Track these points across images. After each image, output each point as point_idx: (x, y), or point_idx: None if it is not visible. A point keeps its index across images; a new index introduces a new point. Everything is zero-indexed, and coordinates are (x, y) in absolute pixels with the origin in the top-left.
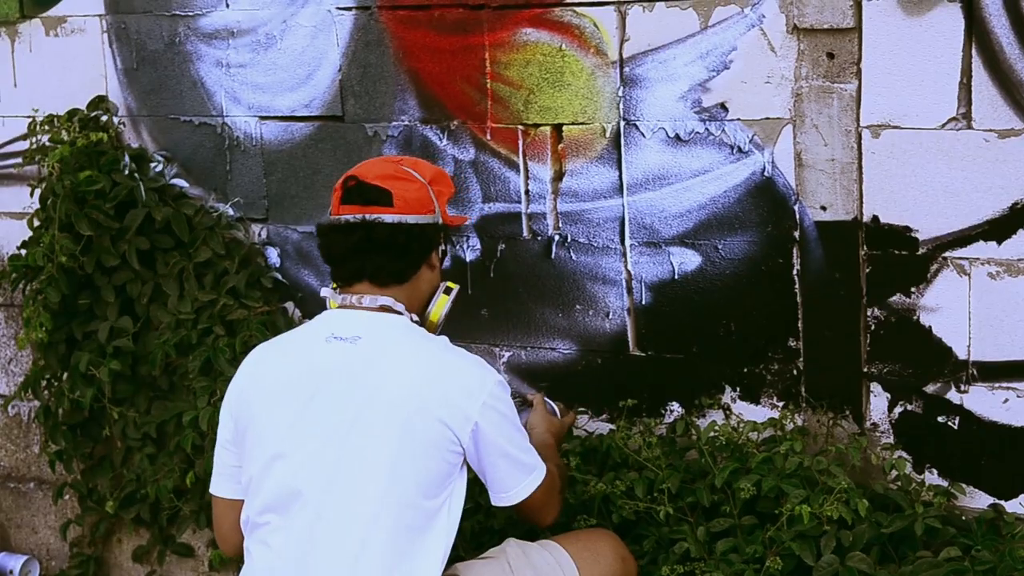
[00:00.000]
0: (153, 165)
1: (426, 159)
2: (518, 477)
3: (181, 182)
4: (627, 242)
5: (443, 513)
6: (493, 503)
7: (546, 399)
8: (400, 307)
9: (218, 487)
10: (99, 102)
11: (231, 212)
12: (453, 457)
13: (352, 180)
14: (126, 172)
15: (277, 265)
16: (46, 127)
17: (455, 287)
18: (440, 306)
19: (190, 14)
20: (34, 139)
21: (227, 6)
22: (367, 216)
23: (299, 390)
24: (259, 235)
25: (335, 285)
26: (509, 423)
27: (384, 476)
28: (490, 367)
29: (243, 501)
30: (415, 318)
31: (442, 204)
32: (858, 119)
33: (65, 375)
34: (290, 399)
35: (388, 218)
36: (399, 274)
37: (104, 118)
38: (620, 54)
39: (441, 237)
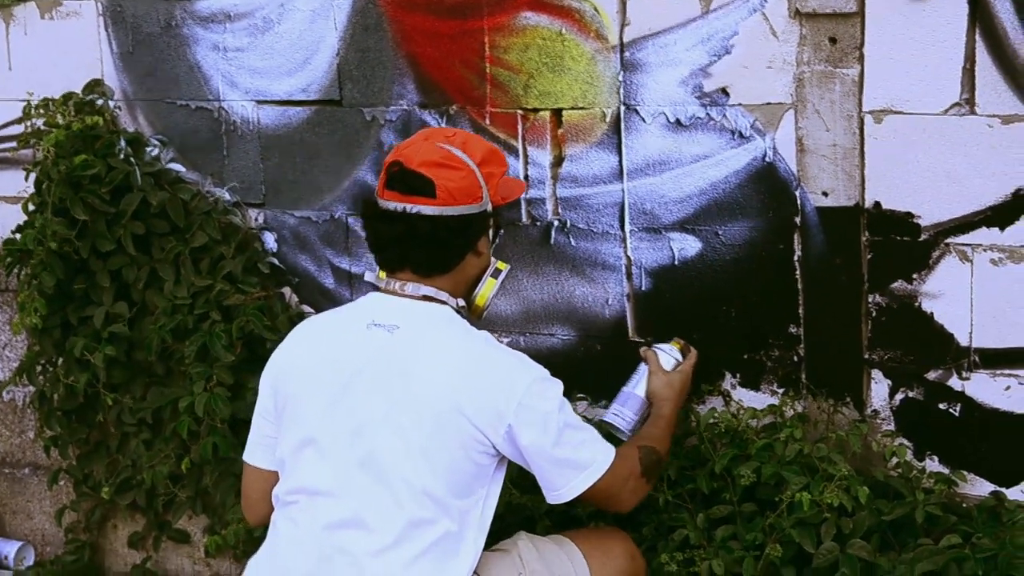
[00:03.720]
0: (149, 149)
1: None
2: (567, 475)
3: (177, 166)
4: (627, 228)
5: (475, 513)
6: (547, 500)
7: (659, 348)
8: (443, 295)
9: (252, 455)
10: (95, 86)
11: (228, 197)
12: (483, 458)
13: (396, 165)
14: (122, 156)
15: (274, 250)
16: (41, 111)
17: (504, 268)
18: (487, 290)
19: None
20: (29, 123)
21: None
22: (408, 208)
23: (336, 375)
24: (256, 220)
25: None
26: (553, 422)
27: (412, 475)
28: (531, 363)
29: (275, 472)
30: (461, 303)
31: (492, 188)
32: (860, 104)
33: (60, 360)
34: (327, 383)
35: (429, 211)
36: (442, 265)
37: (100, 102)
38: (620, 38)
39: (489, 223)
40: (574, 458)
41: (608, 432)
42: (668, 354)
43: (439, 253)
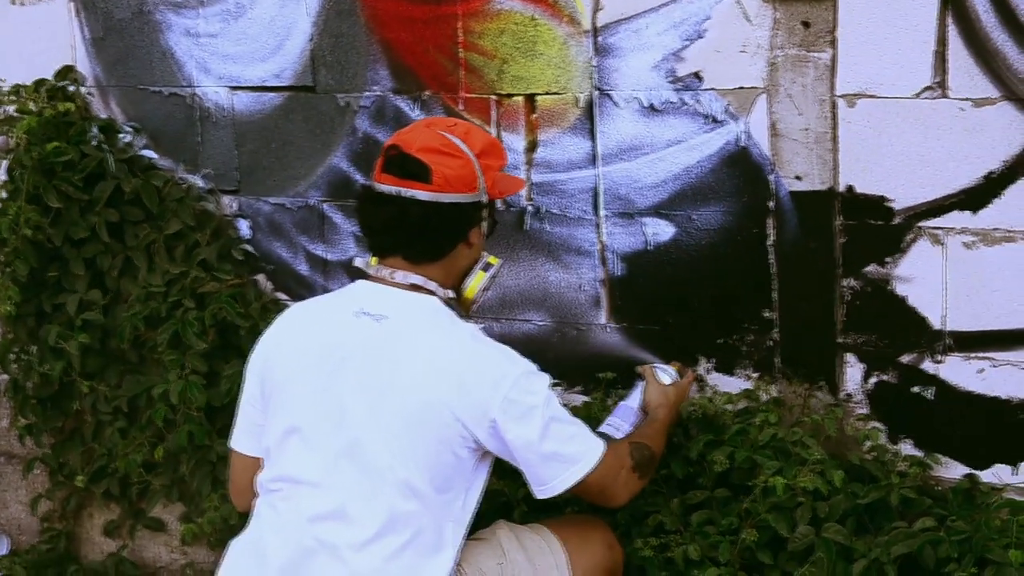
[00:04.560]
0: (122, 136)
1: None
2: (556, 469)
3: (151, 153)
4: (601, 213)
5: (456, 507)
6: (535, 495)
7: (657, 367)
8: (432, 285)
9: (239, 442)
10: (67, 72)
11: (202, 183)
12: (465, 452)
13: (394, 149)
14: (95, 143)
15: (248, 237)
16: (12, 97)
17: (496, 262)
18: (476, 282)
19: None
20: (1, 110)
21: None
22: (402, 191)
23: (322, 363)
24: (230, 207)
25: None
26: (539, 416)
27: (394, 466)
28: (518, 357)
29: (261, 459)
30: (450, 294)
31: (489, 179)
32: (833, 88)
33: (34, 348)
34: (313, 371)
35: (423, 196)
36: (433, 252)
37: (72, 88)
38: (593, 23)
39: (484, 214)
40: (563, 452)
41: None
42: (665, 372)
43: (430, 240)
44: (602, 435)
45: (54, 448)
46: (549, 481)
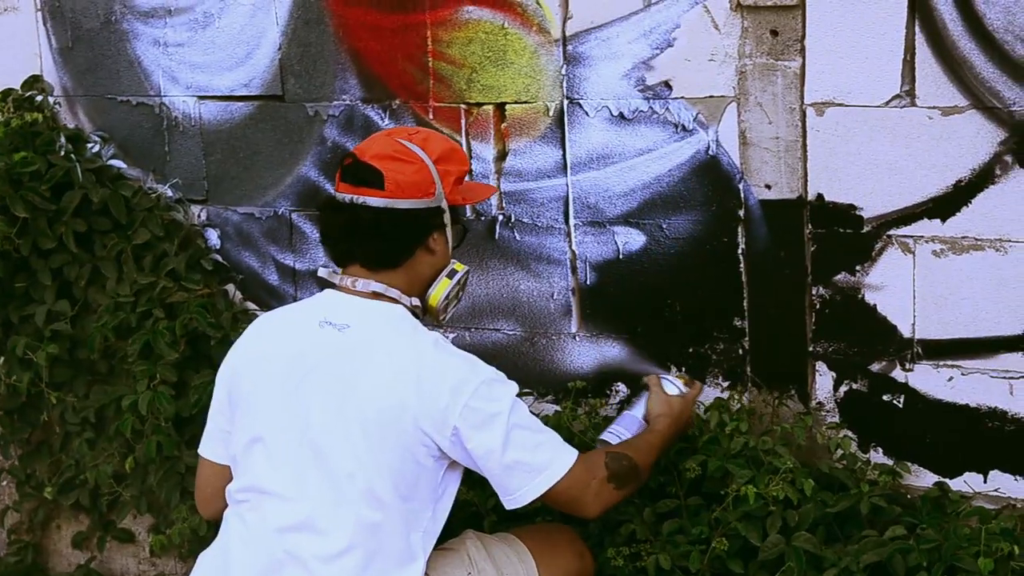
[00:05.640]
0: (90, 146)
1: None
2: (522, 478)
3: (119, 163)
4: (571, 222)
5: (424, 517)
6: (505, 506)
7: (664, 377)
8: (394, 293)
9: (207, 449)
10: (34, 82)
11: (170, 193)
12: (430, 461)
13: (350, 157)
14: (62, 153)
15: (217, 247)
16: None
17: (461, 269)
18: (440, 290)
19: None
20: None
21: None
22: (355, 198)
23: (287, 374)
24: (199, 216)
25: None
26: (501, 424)
27: (359, 475)
28: (482, 365)
29: (228, 467)
30: (415, 302)
31: (447, 185)
32: (802, 97)
33: (2, 360)
34: (278, 381)
35: (375, 202)
36: (389, 259)
37: (39, 98)
38: (563, 32)
39: (444, 219)
40: (528, 461)
41: None
42: (672, 383)
43: (385, 246)
44: (605, 444)
45: (22, 459)
46: (515, 491)
